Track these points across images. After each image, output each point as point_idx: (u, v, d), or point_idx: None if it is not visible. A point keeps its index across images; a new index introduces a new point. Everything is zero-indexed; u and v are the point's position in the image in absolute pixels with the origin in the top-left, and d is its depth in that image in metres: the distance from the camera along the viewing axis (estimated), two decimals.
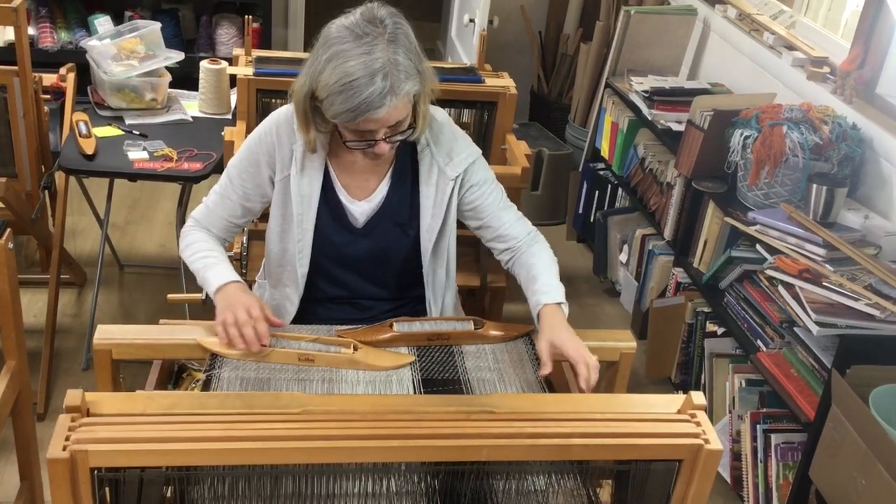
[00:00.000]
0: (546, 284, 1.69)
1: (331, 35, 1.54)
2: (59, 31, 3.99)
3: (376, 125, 1.56)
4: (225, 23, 4.14)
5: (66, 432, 1.13)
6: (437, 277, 1.83)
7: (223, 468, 1.19)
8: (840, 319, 2.00)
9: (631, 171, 3.20)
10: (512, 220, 1.81)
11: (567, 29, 4.22)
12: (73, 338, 2.82)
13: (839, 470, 1.90)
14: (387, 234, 1.77)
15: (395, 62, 1.51)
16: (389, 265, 1.81)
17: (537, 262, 1.75)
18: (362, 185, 1.75)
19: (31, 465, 2.02)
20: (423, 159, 1.74)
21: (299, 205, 1.71)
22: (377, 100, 1.50)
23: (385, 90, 1.50)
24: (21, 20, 2.47)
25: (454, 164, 1.74)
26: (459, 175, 1.74)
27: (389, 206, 1.75)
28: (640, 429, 1.26)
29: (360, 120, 1.53)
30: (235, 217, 1.78)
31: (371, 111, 1.51)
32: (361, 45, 1.50)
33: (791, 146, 2.34)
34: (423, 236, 1.77)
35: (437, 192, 1.74)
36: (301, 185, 1.71)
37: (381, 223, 1.76)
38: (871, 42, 2.48)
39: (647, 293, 3.03)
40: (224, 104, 2.86)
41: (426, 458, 1.24)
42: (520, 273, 1.79)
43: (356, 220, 1.76)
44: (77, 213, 3.24)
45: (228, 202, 1.76)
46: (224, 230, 1.79)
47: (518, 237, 1.80)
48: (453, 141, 1.75)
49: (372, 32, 1.51)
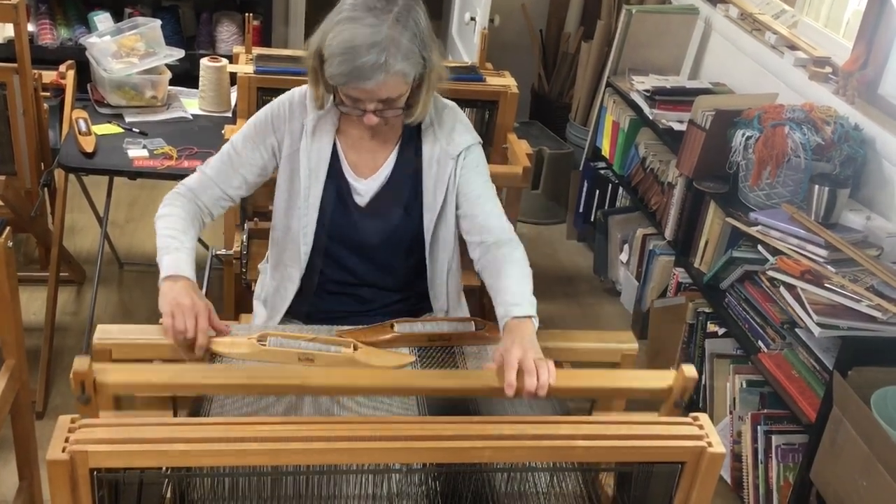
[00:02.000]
0: (518, 294, 1.56)
1: (347, 1, 1.60)
2: (58, 27, 3.98)
3: (365, 95, 1.60)
4: (225, 20, 4.13)
5: (66, 433, 1.13)
6: (438, 265, 1.82)
7: (223, 469, 1.19)
8: (842, 321, 2.00)
9: (632, 171, 3.20)
10: (490, 214, 1.74)
11: (568, 28, 4.21)
12: (72, 336, 2.81)
13: (840, 472, 1.90)
14: (390, 215, 1.78)
15: (396, 41, 1.56)
16: (392, 248, 1.80)
17: (509, 267, 1.63)
18: (368, 163, 1.77)
19: (30, 465, 2.01)
20: (426, 138, 1.77)
21: (306, 178, 1.74)
22: (368, 71, 1.55)
23: (378, 63, 1.54)
24: (21, 17, 2.46)
25: (455, 143, 1.76)
26: (461, 154, 1.76)
27: (393, 184, 1.77)
28: (642, 431, 1.25)
29: (350, 87, 1.59)
30: (231, 187, 1.76)
31: (361, 80, 1.56)
32: (370, 16, 1.56)
33: (793, 147, 2.33)
34: (425, 217, 1.77)
35: (439, 168, 1.76)
36: (310, 158, 1.74)
37: (385, 202, 1.78)
38: (873, 42, 2.48)
39: (648, 293, 3.02)
40: (224, 102, 2.85)
41: (428, 460, 1.23)
42: (489, 272, 1.66)
43: (361, 198, 1.77)
44: (76, 210, 3.24)
45: (229, 170, 1.76)
46: (214, 202, 1.76)
47: (492, 231, 1.72)
48: (457, 123, 1.79)
49: (383, 8, 1.57)
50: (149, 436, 1.14)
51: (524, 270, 1.64)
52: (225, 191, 1.77)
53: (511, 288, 1.58)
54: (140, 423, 1.16)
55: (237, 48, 2.68)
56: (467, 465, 1.25)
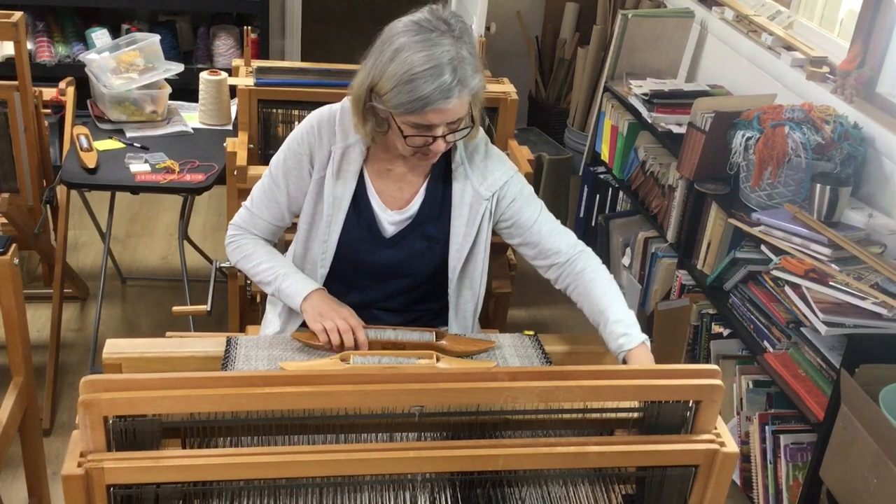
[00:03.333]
0: (620, 323, 1.59)
1: (397, 29, 1.57)
2: (56, 45, 3.99)
3: (440, 118, 1.56)
4: (222, 34, 4.14)
5: (81, 448, 1.12)
6: (461, 300, 1.80)
7: (239, 482, 1.19)
8: (847, 319, 2.00)
9: (632, 174, 3.20)
10: (551, 233, 1.75)
11: (563, 34, 4.22)
12: (76, 352, 2.81)
13: (850, 469, 1.90)
14: (413, 247, 1.76)
15: (462, 57, 1.55)
16: (411, 278, 1.79)
17: (598, 289, 1.67)
18: (396, 194, 1.75)
19: (39, 482, 2.01)
20: (457, 177, 1.73)
21: (330, 206, 1.72)
22: (446, 91, 1.52)
23: (454, 82, 1.53)
24: (21, 35, 2.46)
25: (488, 183, 1.73)
26: (495, 193, 1.73)
27: (420, 220, 1.75)
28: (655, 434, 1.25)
29: (427, 111, 1.54)
30: (280, 220, 1.79)
31: (439, 101, 1.53)
32: (430, 38, 1.54)
33: (793, 146, 2.34)
34: (451, 255, 1.75)
35: (471, 211, 1.73)
36: (335, 187, 1.72)
37: (410, 236, 1.75)
38: (870, 41, 2.49)
39: (651, 296, 3.03)
40: (224, 115, 2.86)
41: (442, 469, 1.23)
42: (577, 294, 1.72)
43: (385, 229, 1.75)
44: (77, 226, 3.24)
45: (274, 204, 1.77)
46: (269, 233, 1.80)
47: (560, 251, 1.73)
48: (488, 160, 1.75)
49: (440, 27, 1.55)
50: (165, 451, 1.14)
51: (611, 283, 1.69)
52: (272, 222, 1.79)
53: (612, 315, 1.61)
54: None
55: (236, 61, 2.69)
56: (482, 473, 1.25)
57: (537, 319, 3.25)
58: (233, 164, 2.33)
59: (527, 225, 1.74)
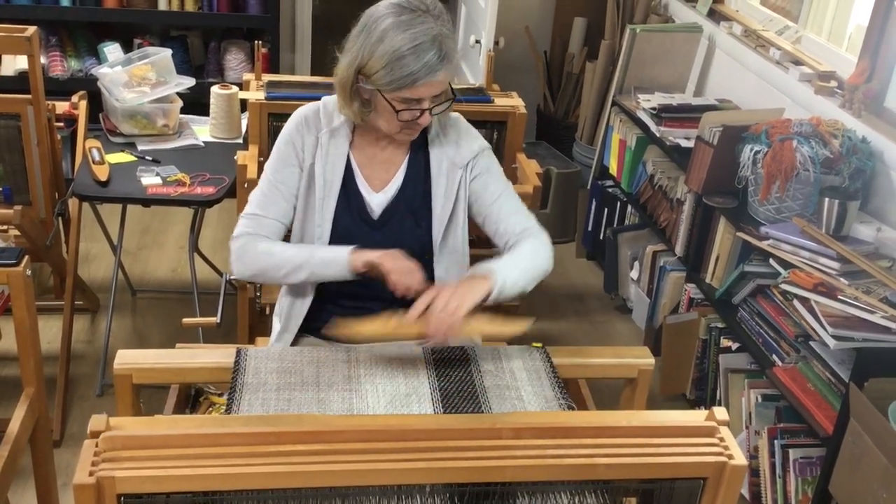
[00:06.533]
0: (496, 262, 1.70)
1: (380, 12, 1.66)
2: (68, 59, 4.03)
3: (429, 91, 1.66)
4: (233, 48, 4.18)
5: (92, 457, 1.13)
6: (445, 274, 1.84)
7: (249, 492, 1.19)
8: (856, 333, 2.00)
9: (640, 188, 3.21)
10: (510, 213, 1.82)
11: (572, 48, 4.24)
12: (87, 364, 2.82)
13: (859, 484, 1.90)
14: (401, 226, 1.82)
15: (445, 34, 1.66)
16: None
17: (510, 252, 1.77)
18: (382, 176, 1.82)
19: (50, 492, 2.02)
20: (433, 150, 1.82)
21: (321, 189, 1.78)
22: (434, 66, 1.63)
23: (442, 56, 1.63)
24: (34, 49, 2.49)
25: (462, 153, 1.82)
26: (469, 163, 1.82)
27: (404, 197, 1.82)
28: (663, 447, 1.25)
29: (419, 85, 1.64)
30: (285, 216, 1.82)
31: (431, 75, 1.63)
32: (413, 17, 1.64)
33: (802, 160, 2.34)
34: (434, 227, 1.81)
35: (448, 181, 1.81)
36: (325, 171, 1.78)
37: (396, 214, 1.82)
38: (878, 55, 2.50)
39: (660, 310, 3.02)
40: (235, 128, 2.88)
41: (449, 480, 1.23)
42: None
43: (373, 211, 1.82)
44: (88, 239, 3.26)
45: (279, 200, 1.80)
46: (277, 233, 1.82)
47: (514, 231, 1.81)
48: (461, 133, 1.85)
49: (419, 8, 1.66)
50: (176, 461, 1.15)
51: (525, 252, 1.76)
52: (279, 219, 1.81)
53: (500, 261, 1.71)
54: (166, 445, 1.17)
55: (247, 75, 2.71)
56: (489, 484, 1.25)
57: (545, 332, 3.25)
58: (243, 177, 2.34)
59: (489, 200, 1.82)
